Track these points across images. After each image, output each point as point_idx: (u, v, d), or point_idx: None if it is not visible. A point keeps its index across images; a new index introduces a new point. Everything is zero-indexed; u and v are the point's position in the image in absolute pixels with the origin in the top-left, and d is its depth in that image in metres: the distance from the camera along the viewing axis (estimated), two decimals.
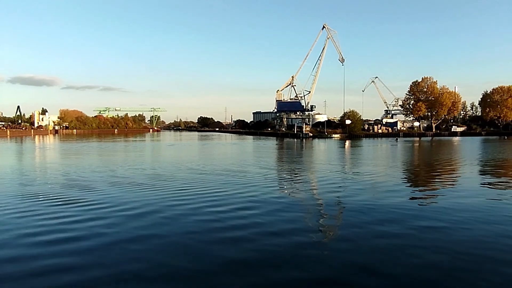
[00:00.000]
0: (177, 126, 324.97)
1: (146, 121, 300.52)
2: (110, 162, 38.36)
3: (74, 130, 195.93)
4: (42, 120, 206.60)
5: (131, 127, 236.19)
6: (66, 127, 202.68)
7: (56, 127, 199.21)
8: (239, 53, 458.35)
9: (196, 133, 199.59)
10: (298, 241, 11.51)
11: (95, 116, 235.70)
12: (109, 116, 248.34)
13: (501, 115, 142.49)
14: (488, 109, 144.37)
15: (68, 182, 23.74)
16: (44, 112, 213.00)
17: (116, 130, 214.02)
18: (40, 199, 18.06)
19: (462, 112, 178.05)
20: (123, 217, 14.32)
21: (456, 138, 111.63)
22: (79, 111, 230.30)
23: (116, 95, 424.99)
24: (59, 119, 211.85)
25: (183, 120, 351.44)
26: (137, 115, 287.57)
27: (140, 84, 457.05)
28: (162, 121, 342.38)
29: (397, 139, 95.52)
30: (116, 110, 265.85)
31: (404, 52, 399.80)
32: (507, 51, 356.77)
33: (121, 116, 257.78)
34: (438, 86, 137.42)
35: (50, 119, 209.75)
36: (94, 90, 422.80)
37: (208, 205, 16.44)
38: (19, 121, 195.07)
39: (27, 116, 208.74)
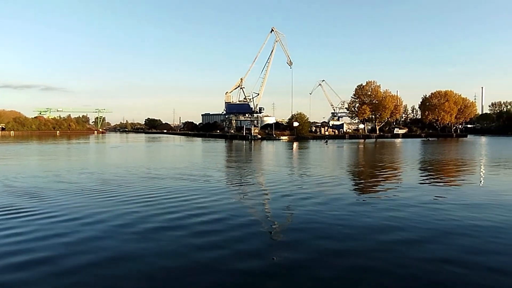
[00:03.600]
0: (124, 128, 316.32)
1: (90, 123, 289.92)
2: (52, 165, 36.41)
3: (12, 132, 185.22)
4: None
5: (74, 128, 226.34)
6: (3, 129, 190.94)
7: None
8: (188, 54, 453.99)
9: (144, 135, 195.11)
10: (243, 249, 11.27)
11: (35, 117, 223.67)
12: (50, 117, 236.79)
13: (439, 118, 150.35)
14: (427, 112, 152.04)
15: (6, 188, 22.02)
16: None
17: (58, 131, 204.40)
18: None
19: (403, 115, 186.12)
20: (70, 228, 13.37)
21: (398, 140, 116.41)
22: (17, 112, 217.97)
23: (58, 95, 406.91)
24: None
25: (129, 122, 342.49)
26: (80, 116, 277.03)
27: (83, 83, 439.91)
28: (108, 122, 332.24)
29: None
30: (58, 110, 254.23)
31: (350, 56, 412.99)
32: (445, 56, 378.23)
33: (64, 117, 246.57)
34: (381, 90, 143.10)
35: None
36: (34, 90, 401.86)
37: (157, 213, 15.69)
38: None
39: None
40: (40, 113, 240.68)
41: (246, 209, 16.92)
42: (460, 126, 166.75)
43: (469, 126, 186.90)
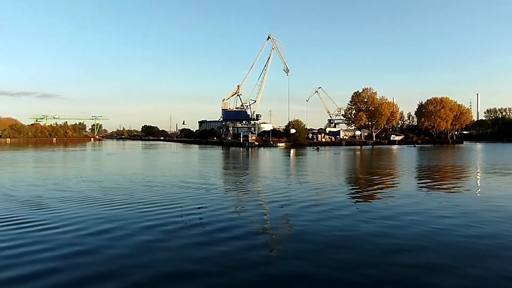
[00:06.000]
0: (120, 135, 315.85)
1: (87, 130, 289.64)
2: (50, 173, 36.28)
3: (8, 139, 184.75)
4: None
5: (70, 135, 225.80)
6: None
7: None
8: (185, 61, 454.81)
9: (140, 142, 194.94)
10: (243, 261, 11.33)
11: (31, 124, 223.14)
12: (46, 124, 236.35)
13: (435, 125, 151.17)
14: (423, 119, 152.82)
15: (4, 197, 21.81)
16: None
17: (54, 139, 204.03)
18: None
19: (400, 122, 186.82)
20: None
21: (395, 146, 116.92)
22: (13, 119, 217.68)
23: (55, 102, 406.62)
24: None
25: (126, 129, 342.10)
26: (77, 123, 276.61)
27: (80, 90, 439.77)
28: (104, 129, 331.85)
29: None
30: (54, 118, 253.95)
31: (346, 63, 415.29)
32: (441, 62, 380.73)
33: (60, 124, 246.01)
34: (377, 97, 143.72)
35: None
36: (31, 97, 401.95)
37: (155, 223, 15.72)
38: None
39: None
40: (36, 120, 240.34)
41: (245, 219, 16.87)
42: (456, 133, 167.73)
43: (464, 132, 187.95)
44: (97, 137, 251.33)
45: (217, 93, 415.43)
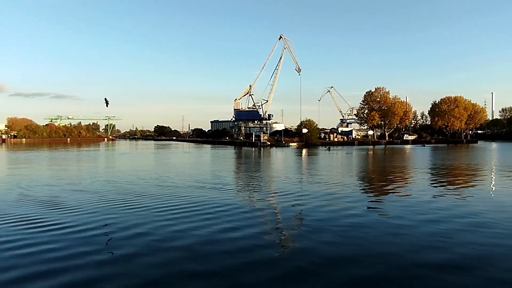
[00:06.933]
0: (133, 135, 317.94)
1: (100, 130, 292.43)
2: (65, 173, 36.71)
3: (23, 139, 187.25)
4: None
5: (84, 136, 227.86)
6: (14, 136, 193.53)
7: (3, 136, 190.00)
8: (197, 62, 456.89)
9: (153, 142, 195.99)
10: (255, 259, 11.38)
11: (46, 125, 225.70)
12: (61, 125, 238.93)
13: (449, 124, 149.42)
14: (436, 118, 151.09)
15: (20, 197, 22.10)
16: None
17: (68, 139, 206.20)
18: None
19: (413, 121, 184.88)
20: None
21: (408, 146, 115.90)
22: (28, 119, 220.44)
23: (69, 102, 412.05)
24: (6, 128, 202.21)
25: (139, 129, 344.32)
26: (91, 123, 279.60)
27: (94, 91, 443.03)
28: (118, 129, 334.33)
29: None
30: (68, 118, 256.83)
31: (358, 63, 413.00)
32: (455, 61, 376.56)
33: (74, 124, 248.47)
34: (390, 96, 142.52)
35: None
36: (45, 98, 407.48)
37: (166, 223, 15.86)
38: None
39: None
40: (51, 121, 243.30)
41: (258, 226, 16.64)
42: (470, 132, 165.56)
43: (479, 132, 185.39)
44: (110, 137, 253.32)
45: (229, 93, 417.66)
